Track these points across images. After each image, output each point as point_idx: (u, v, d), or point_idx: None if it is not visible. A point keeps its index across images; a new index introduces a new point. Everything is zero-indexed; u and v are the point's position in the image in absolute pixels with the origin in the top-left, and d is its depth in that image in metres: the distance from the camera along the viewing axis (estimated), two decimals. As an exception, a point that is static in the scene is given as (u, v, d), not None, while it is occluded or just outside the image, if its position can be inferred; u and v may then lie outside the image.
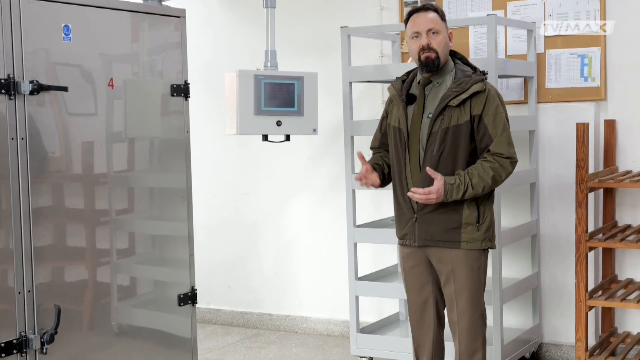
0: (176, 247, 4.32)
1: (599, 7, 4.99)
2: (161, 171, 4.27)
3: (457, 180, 3.66)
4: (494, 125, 3.69)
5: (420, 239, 3.81)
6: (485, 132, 3.69)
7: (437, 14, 3.78)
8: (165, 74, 4.24)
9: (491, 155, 3.69)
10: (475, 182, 3.65)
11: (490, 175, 3.66)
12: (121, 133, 4.03)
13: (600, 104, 5.08)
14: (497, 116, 3.69)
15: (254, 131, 4.50)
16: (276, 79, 4.49)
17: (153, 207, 4.25)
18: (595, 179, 4.60)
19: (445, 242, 3.76)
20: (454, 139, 3.70)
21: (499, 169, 3.68)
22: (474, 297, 3.79)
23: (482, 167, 3.67)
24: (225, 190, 6.48)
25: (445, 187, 3.65)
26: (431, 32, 3.75)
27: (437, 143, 3.71)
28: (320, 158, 6.07)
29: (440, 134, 3.70)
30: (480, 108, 3.69)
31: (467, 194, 3.66)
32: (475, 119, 3.69)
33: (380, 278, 5.31)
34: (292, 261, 6.28)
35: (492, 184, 3.68)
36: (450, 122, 3.69)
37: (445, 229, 3.76)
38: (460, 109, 3.69)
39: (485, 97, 3.69)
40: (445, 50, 3.77)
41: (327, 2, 5.95)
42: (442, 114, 3.71)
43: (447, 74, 3.80)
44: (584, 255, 4.52)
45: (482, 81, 3.72)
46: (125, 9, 4.00)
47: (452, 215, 3.74)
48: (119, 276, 4.01)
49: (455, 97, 3.69)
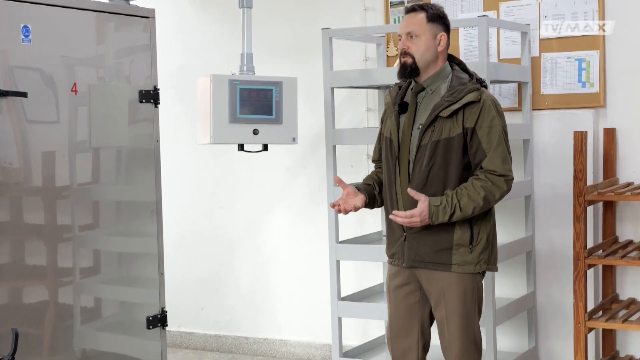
0: (145, 266, 4.31)
1: (598, 7, 5.01)
2: (128, 183, 4.26)
3: (443, 202, 3.60)
4: (488, 139, 3.63)
5: (409, 260, 3.77)
6: (478, 146, 3.63)
7: (424, 14, 3.72)
8: (133, 79, 4.24)
9: (484, 172, 3.64)
10: (465, 203, 3.59)
11: (481, 195, 3.60)
12: (85, 142, 4.02)
13: (599, 111, 5.10)
14: (492, 129, 3.63)
15: (228, 140, 4.48)
16: (253, 84, 4.47)
17: (120, 222, 4.24)
18: (594, 192, 4.60)
19: (435, 264, 3.71)
20: (445, 152, 3.65)
21: (492, 187, 3.62)
22: (466, 322, 3.74)
23: (473, 187, 3.61)
24: (198, 203, 6.46)
25: (430, 210, 3.59)
26: (410, 35, 3.71)
27: (427, 157, 3.66)
28: (300, 169, 6.06)
29: (430, 147, 3.65)
30: (473, 120, 3.63)
31: (454, 216, 3.60)
32: (468, 132, 3.63)
33: (364, 298, 5.29)
34: (270, 280, 6.25)
35: (484, 205, 3.62)
36: (441, 135, 3.64)
37: (435, 250, 3.70)
38: (453, 121, 3.64)
39: (479, 108, 3.63)
40: (426, 56, 3.71)
41: (308, 2, 5.95)
42: (432, 126, 3.67)
43: (441, 80, 3.75)
44: (583, 273, 4.51)
45: (477, 90, 3.66)
46: (90, 9, 3.99)
47: (443, 236, 3.68)
48: (82, 297, 3.99)
49: (446, 108, 3.64)
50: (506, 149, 3.67)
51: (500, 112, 3.71)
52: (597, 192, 4.60)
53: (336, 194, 4.93)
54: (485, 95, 3.68)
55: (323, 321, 5.78)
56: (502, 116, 3.73)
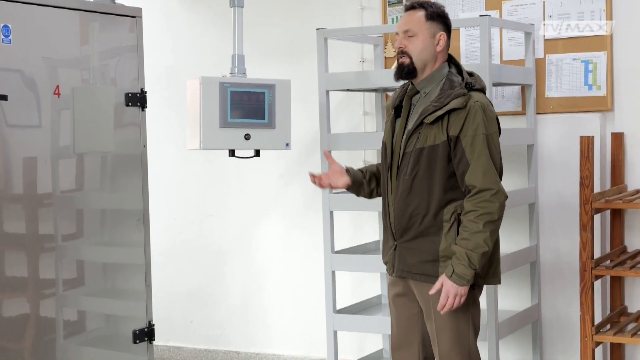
0: (131, 277, 4.30)
1: (605, 6, 5.00)
2: (114, 191, 4.25)
3: (454, 262, 3.55)
4: (472, 149, 3.57)
5: (398, 270, 3.75)
6: (462, 155, 3.58)
7: (423, 12, 3.68)
8: (119, 81, 4.23)
9: (468, 200, 3.56)
10: (473, 244, 3.52)
11: (480, 225, 3.53)
12: (69, 148, 4.01)
13: (606, 115, 5.09)
14: (475, 138, 3.57)
15: (219, 146, 4.47)
16: (244, 87, 4.47)
17: (105, 232, 4.23)
18: (602, 199, 4.59)
19: (422, 275, 3.68)
20: (429, 161, 3.61)
21: (484, 210, 3.54)
22: (457, 336, 3.69)
23: (468, 225, 3.55)
24: (186, 212, 6.44)
25: (452, 279, 3.54)
26: (407, 34, 3.68)
27: (410, 165, 3.64)
28: (294, 176, 6.04)
29: (414, 154, 3.62)
30: (457, 127, 3.58)
31: (476, 260, 3.52)
32: (452, 140, 3.59)
33: (361, 311, 5.27)
34: (263, 292, 6.23)
35: (490, 229, 3.56)
36: (425, 142, 3.60)
37: (422, 261, 3.67)
38: (437, 127, 3.60)
39: (464, 115, 3.57)
40: (423, 56, 3.66)
41: (302, 1, 5.94)
42: (417, 132, 3.64)
43: (436, 83, 3.71)
44: (590, 285, 4.50)
45: (464, 96, 3.60)
46: (74, 8, 3.98)
47: (430, 246, 3.65)
48: (65, 310, 3.97)
49: (431, 114, 3.60)
50: (490, 160, 3.60)
51: (490, 117, 3.64)
52: (605, 199, 4.59)
53: (332, 201, 4.92)
54: (474, 100, 3.61)
55: (318, 335, 5.76)
56: (493, 122, 3.67)
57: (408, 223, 3.66)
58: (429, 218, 3.63)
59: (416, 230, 3.65)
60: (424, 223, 3.63)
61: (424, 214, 3.63)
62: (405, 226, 3.67)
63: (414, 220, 3.65)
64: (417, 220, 3.64)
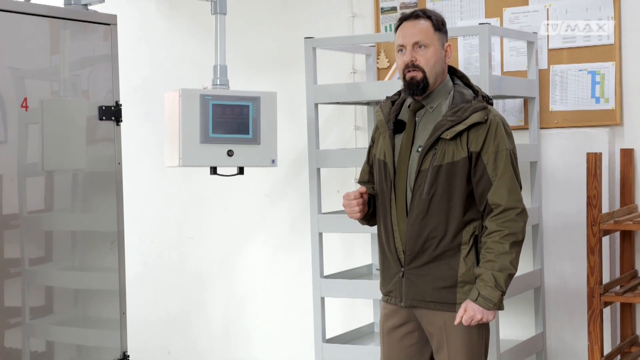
0: (104, 304, 4.28)
1: (614, 13, 5.01)
2: (86, 211, 4.23)
3: (479, 286, 3.55)
4: (495, 166, 3.58)
5: (407, 299, 3.71)
6: (483, 173, 3.59)
7: (430, 22, 3.66)
8: (91, 94, 4.22)
9: (492, 217, 3.57)
10: (499, 266, 3.53)
11: (506, 247, 3.54)
12: (37, 165, 3.99)
13: (615, 129, 5.09)
14: (498, 154, 3.58)
15: (200, 163, 4.46)
16: (227, 100, 4.47)
17: (76, 255, 4.21)
18: (611, 220, 4.59)
19: (437, 303, 3.66)
20: (448, 179, 3.59)
21: (509, 230, 3.55)
22: None
23: (493, 247, 3.55)
24: (164, 234, 6.43)
25: (479, 303, 3.55)
26: (417, 45, 3.64)
27: (427, 184, 3.60)
28: (281, 195, 6.04)
29: (432, 172, 3.60)
30: (479, 144, 3.58)
31: (503, 282, 3.54)
32: (473, 157, 3.59)
33: (352, 340, 5.26)
34: (247, 320, 6.22)
35: (516, 249, 3.57)
36: (444, 159, 3.59)
37: (438, 287, 3.64)
38: (456, 143, 3.59)
39: (486, 130, 3.58)
40: (436, 69, 3.65)
41: (289, 8, 5.95)
42: (433, 148, 3.61)
43: (443, 97, 3.69)
44: (599, 312, 4.49)
45: (484, 109, 3.60)
46: (43, 14, 3.97)
47: (446, 271, 3.63)
48: (32, 341, 3.95)
49: (449, 129, 3.58)
50: (514, 177, 3.62)
51: (509, 133, 3.67)
52: (614, 220, 4.59)
53: (321, 222, 4.90)
54: (493, 114, 3.62)
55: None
56: (512, 138, 3.68)
57: (423, 247, 3.63)
58: (447, 241, 3.61)
59: (430, 255, 3.62)
60: (441, 246, 3.61)
61: (441, 237, 3.61)
62: (418, 251, 3.64)
63: (429, 243, 3.61)
64: (434, 244, 3.61)
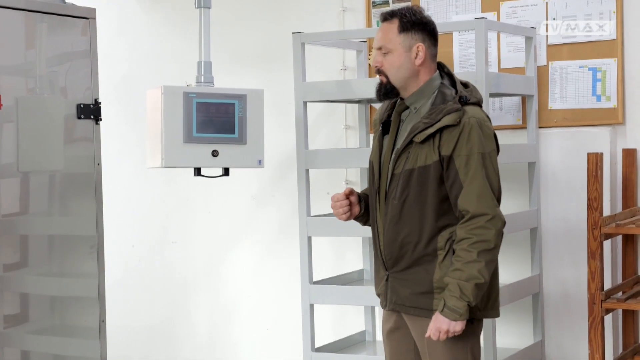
0: (83, 312, 4.28)
1: (615, 7, 5.02)
2: (64, 214, 4.23)
3: (446, 296, 3.55)
4: (466, 171, 3.58)
5: (390, 303, 3.77)
6: (455, 178, 3.59)
7: (397, 24, 3.69)
8: (69, 91, 4.21)
9: (461, 224, 3.58)
10: (466, 275, 3.52)
11: (474, 254, 3.53)
12: (12, 165, 3.98)
13: (617, 129, 5.10)
14: (470, 158, 3.58)
15: (183, 163, 4.46)
16: (211, 98, 4.46)
17: (53, 261, 4.20)
18: (612, 223, 4.59)
19: (416, 308, 3.69)
20: (420, 183, 3.63)
21: (478, 238, 3.55)
22: None
23: (461, 254, 3.55)
24: (146, 238, 6.43)
25: (444, 314, 3.55)
26: (382, 51, 3.72)
27: (400, 188, 3.65)
28: (268, 197, 6.04)
29: (404, 176, 3.64)
30: (450, 147, 3.59)
31: (470, 292, 3.52)
32: (444, 160, 3.61)
33: (343, 349, 5.27)
34: (233, 328, 6.22)
35: (486, 258, 3.56)
36: (416, 162, 3.63)
37: (416, 292, 3.68)
38: (429, 146, 3.61)
39: (458, 133, 3.58)
40: (401, 73, 3.68)
41: (276, 2, 5.96)
42: (407, 151, 3.66)
43: (426, 97, 3.72)
44: (600, 320, 4.50)
45: (458, 111, 3.61)
46: (18, 7, 3.96)
47: (424, 277, 3.65)
48: (6, 350, 3.94)
49: (421, 132, 3.62)
50: (486, 182, 3.61)
51: (487, 134, 3.65)
52: (615, 223, 4.59)
53: (310, 226, 4.90)
54: (468, 116, 3.61)
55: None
56: (490, 140, 3.68)
57: (400, 252, 3.67)
58: (422, 246, 3.63)
59: (409, 260, 3.66)
60: (417, 252, 3.64)
61: (416, 242, 3.64)
62: (396, 255, 3.68)
63: (405, 249, 3.65)
64: (409, 249, 3.64)
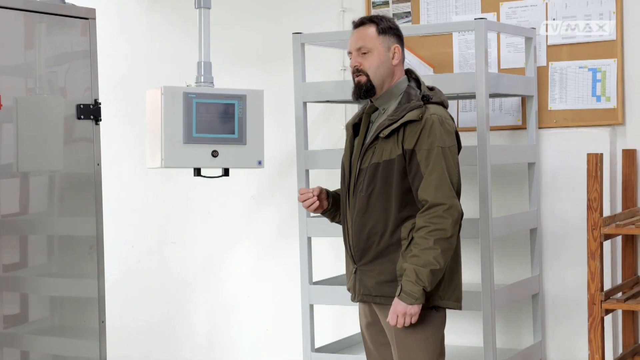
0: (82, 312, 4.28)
1: (615, 7, 5.02)
2: (63, 215, 4.22)
3: (403, 279, 3.71)
4: (426, 163, 3.76)
5: (358, 294, 3.94)
6: (417, 170, 3.77)
7: (374, 27, 3.90)
8: (69, 91, 4.21)
9: (420, 214, 3.74)
10: (422, 261, 3.68)
11: (431, 241, 3.70)
12: (11, 166, 3.98)
13: (616, 129, 5.10)
14: (431, 152, 3.76)
15: (183, 164, 4.45)
16: (211, 98, 4.45)
17: (52, 261, 4.20)
18: (612, 224, 4.58)
19: (381, 297, 3.86)
20: (385, 176, 3.81)
21: (435, 226, 3.71)
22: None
23: (418, 242, 3.72)
24: (146, 238, 6.43)
25: (401, 298, 3.70)
26: (361, 51, 3.90)
27: (366, 182, 3.85)
28: (268, 197, 6.03)
29: (370, 170, 3.84)
30: (413, 141, 3.78)
31: (425, 277, 3.68)
32: (407, 154, 3.79)
33: (343, 349, 5.27)
34: (232, 328, 6.22)
35: (444, 246, 3.71)
36: (381, 157, 3.82)
37: (381, 281, 3.85)
38: (393, 141, 3.80)
39: (420, 128, 3.77)
40: (380, 72, 3.89)
41: (276, 2, 5.96)
42: (373, 147, 3.85)
43: (394, 98, 3.93)
44: (599, 320, 4.50)
45: (420, 108, 3.80)
46: (17, 8, 3.96)
47: (388, 266, 3.82)
48: (6, 351, 3.94)
49: (385, 128, 3.81)
50: (445, 173, 3.76)
51: (447, 131, 3.83)
52: (615, 224, 4.59)
53: (310, 226, 4.90)
54: (430, 113, 3.81)
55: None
56: (451, 136, 3.84)
57: (366, 244, 3.86)
58: (387, 237, 3.82)
59: (375, 251, 3.85)
60: (382, 242, 3.83)
61: (381, 233, 3.83)
62: (363, 247, 3.87)
63: (372, 240, 3.84)
64: (375, 240, 3.84)
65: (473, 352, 5.07)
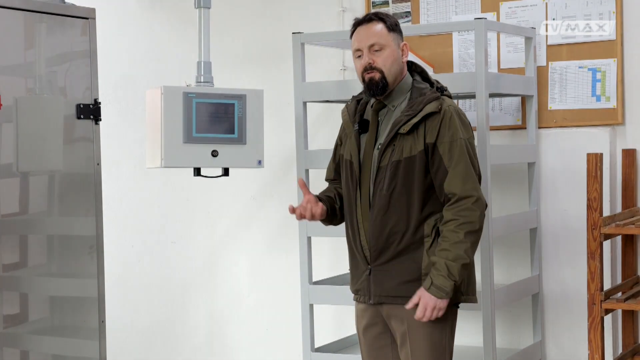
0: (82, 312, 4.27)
1: (615, 7, 5.02)
2: (63, 215, 4.22)
3: (433, 274, 3.69)
4: (450, 156, 3.75)
5: (375, 296, 3.86)
6: (440, 164, 3.76)
7: (384, 24, 3.86)
8: (69, 91, 4.21)
9: (448, 207, 3.73)
10: (453, 255, 3.67)
11: (460, 236, 3.68)
12: (11, 166, 3.97)
13: (616, 129, 5.10)
14: (453, 144, 3.75)
15: (183, 163, 4.47)
16: (211, 98, 4.46)
17: (52, 261, 4.20)
18: (612, 224, 4.59)
19: (402, 297, 3.79)
20: (407, 173, 3.77)
21: (464, 219, 3.70)
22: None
23: (448, 235, 3.70)
24: (146, 238, 6.42)
25: (431, 291, 3.68)
26: (374, 48, 3.85)
27: (387, 180, 3.79)
28: (267, 197, 6.03)
29: (391, 168, 3.79)
30: (434, 134, 3.76)
31: (456, 272, 3.66)
32: (429, 148, 3.77)
33: (343, 349, 5.27)
34: (231, 328, 6.22)
35: (471, 239, 3.71)
36: (402, 154, 3.77)
37: (402, 281, 3.80)
38: (413, 137, 3.77)
39: (440, 120, 3.76)
40: (394, 68, 3.86)
41: (275, 2, 5.95)
42: (392, 144, 3.80)
43: (403, 95, 3.90)
44: (599, 320, 4.50)
45: (437, 99, 3.79)
46: (17, 7, 3.96)
47: (410, 265, 3.78)
48: (6, 350, 3.94)
49: (406, 123, 3.77)
50: (470, 165, 3.78)
51: (465, 122, 3.85)
52: (615, 224, 4.59)
53: (309, 226, 4.90)
54: (447, 104, 3.81)
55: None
56: (468, 127, 3.86)
57: (386, 243, 3.80)
58: (409, 235, 3.78)
59: (395, 250, 3.79)
60: (404, 241, 3.78)
61: (403, 231, 3.78)
62: (382, 247, 3.81)
63: (392, 239, 3.79)
64: (397, 239, 3.78)
65: (473, 352, 5.07)
